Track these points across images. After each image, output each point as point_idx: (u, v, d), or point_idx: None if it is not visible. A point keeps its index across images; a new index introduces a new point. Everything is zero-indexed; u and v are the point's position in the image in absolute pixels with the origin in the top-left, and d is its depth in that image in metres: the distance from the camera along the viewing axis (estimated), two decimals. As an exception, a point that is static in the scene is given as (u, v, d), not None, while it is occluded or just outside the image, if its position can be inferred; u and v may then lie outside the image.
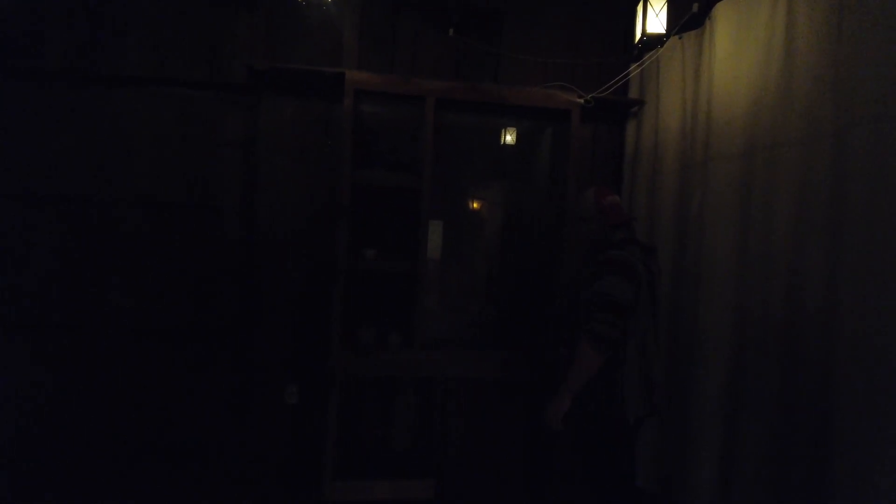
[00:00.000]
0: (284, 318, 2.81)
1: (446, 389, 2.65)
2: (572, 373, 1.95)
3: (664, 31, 2.50)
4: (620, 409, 1.95)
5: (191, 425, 2.87)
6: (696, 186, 2.48)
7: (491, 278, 3.06)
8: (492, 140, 3.16)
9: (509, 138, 3.17)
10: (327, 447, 2.51)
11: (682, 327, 2.51)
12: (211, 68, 2.86)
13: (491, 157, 3.18)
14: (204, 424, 2.88)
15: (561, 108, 2.56)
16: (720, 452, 2.24)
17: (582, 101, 2.59)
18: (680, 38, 2.67)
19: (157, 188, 2.89)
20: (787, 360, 1.96)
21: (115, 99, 2.86)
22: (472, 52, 2.89)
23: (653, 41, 2.49)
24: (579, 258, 2.55)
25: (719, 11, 2.36)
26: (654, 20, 2.51)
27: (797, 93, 1.97)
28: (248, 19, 2.86)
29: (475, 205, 3.25)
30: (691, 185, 2.52)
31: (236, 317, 2.90)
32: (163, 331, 2.87)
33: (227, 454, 2.86)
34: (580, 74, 2.95)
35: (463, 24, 2.87)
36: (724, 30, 2.33)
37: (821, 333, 1.82)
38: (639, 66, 2.89)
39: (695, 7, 2.50)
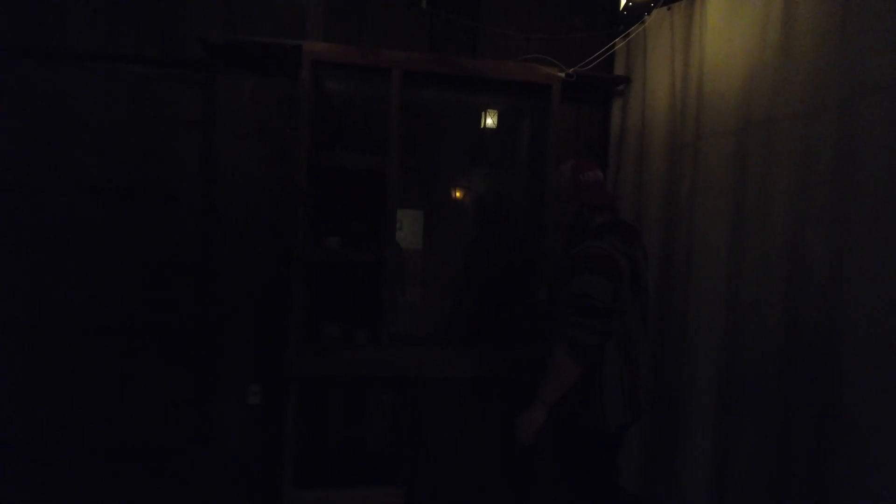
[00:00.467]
0: (247, 313, 2.61)
1: (419, 388, 2.46)
2: (546, 384, 1.74)
3: (651, -1, 2.31)
4: (599, 417, 1.75)
5: (146, 428, 2.66)
6: (686, 168, 2.30)
7: (470, 269, 2.86)
8: (469, 122, 2.95)
9: (490, 121, 2.97)
10: (285, 454, 2.31)
11: (670, 319, 2.33)
12: (164, 44, 2.63)
13: (469, 141, 2.97)
14: (160, 427, 2.67)
15: (540, 83, 2.35)
16: (713, 452, 2.07)
17: (563, 75, 2.39)
18: (668, 9, 2.48)
19: (108, 174, 2.65)
20: (786, 353, 1.78)
21: (60, 77, 2.62)
22: (447, 26, 2.67)
23: (639, 7, 2.29)
24: (562, 247, 2.38)
25: (711, -24, 2.17)
26: (641, -14, 2.32)
27: (798, 62, 1.79)
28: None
29: (455, 192, 3.05)
30: (681, 167, 2.34)
31: (196, 312, 2.68)
32: (116, 328, 2.64)
33: (185, 458, 2.66)
34: (563, 51, 2.74)
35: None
36: (716, -4, 2.15)
37: (824, 325, 1.64)
38: (624, 38, 2.69)
39: (684, -28, 2.31)
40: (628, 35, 2.69)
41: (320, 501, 2.32)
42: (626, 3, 2.32)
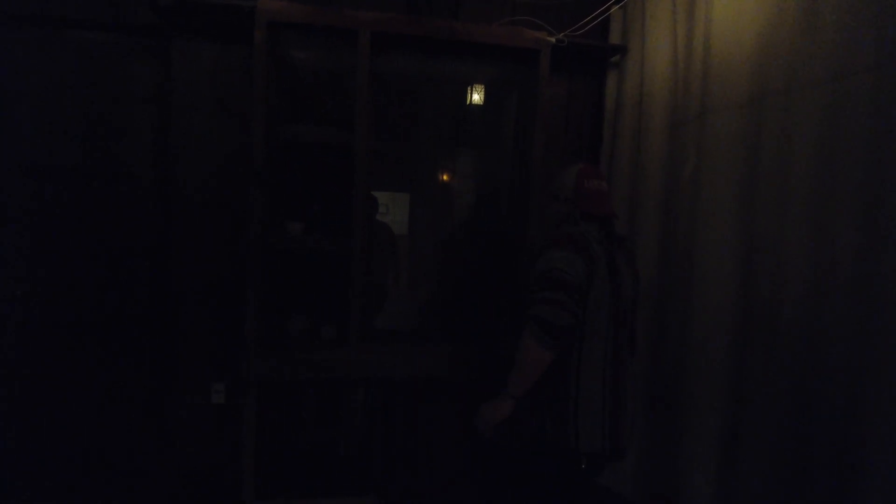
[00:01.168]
0: (209, 303, 2.37)
1: (394, 388, 2.24)
2: (513, 372, 1.56)
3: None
4: (571, 439, 1.55)
5: (97, 430, 2.43)
6: (689, 145, 2.06)
7: (452, 259, 2.63)
8: (452, 97, 2.70)
9: (475, 97, 2.72)
10: (245, 464, 2.08)
11: (670, 317, 2.11)
12: (114, 6, 2.35)
13: (450, 118, 2.73)
14: (113, 429, 2.44)
15: (528, 49, 2.09)
16: (720, 458, 1.86)
17: (553, 40, 2.13)
18: (670, -30, 2.22)
19: (51, 152, 2.39)
20: (807, 355, 1.56)
21: (-6, 43, 2.35)
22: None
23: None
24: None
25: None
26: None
27: (824, 20, 1.55)
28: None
29: (440, 175, 2.81)
30: (684, 145, 2.10)
31: (153, 304, 2.44)
32: (63, 320, 2.40)
33: (141, 464, 2.43)
34: (554, 17, 2.47)
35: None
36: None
37: (852, 324, 1.42)
38: (619, 3, 2.45)
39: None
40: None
41: (283, 515, 2.10)
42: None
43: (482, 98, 2.66)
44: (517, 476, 1.65)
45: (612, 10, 2.52)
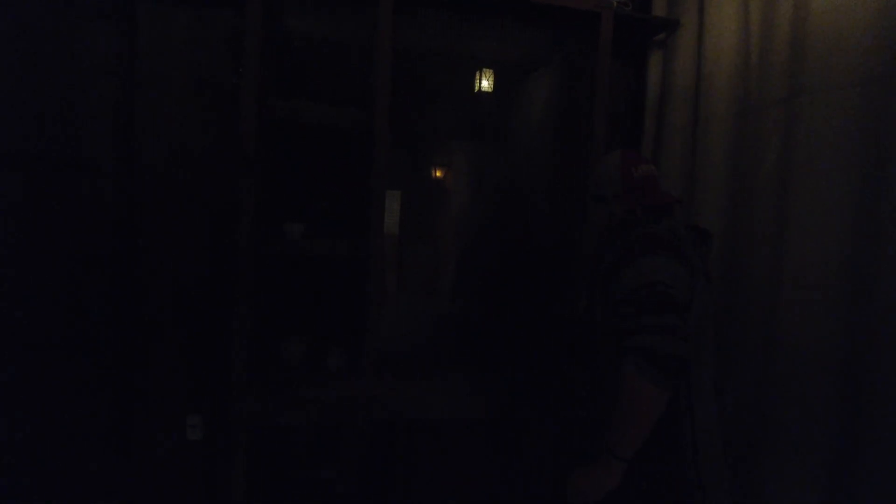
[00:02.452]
0: (184, 324, 1.94)
1: (412, 427, 1.84)
2: (618, 427, 1.17)
3: None
4: (691, 470, 1.22)
5: (54, 474, 1.97)
6: (772, 133, 1.73)
7: (471, 267, 2.24)
8: (473, 78, 2.33)
9: (489, 82, 2.35)
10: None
11: (744, 347, 1.76)
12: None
13: (471, 104, 2.36)
14: (71, 469, 1.99)
15: (585, 11, 1.72)
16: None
17: (615, 2, 1.77)
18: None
19: None
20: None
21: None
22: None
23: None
24: (596, 245, 1.80)
25: None
26: None
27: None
28: None
29: (438, 172, 2.43)
30: (762, 134, 1.76)
31: (118, 323, 1.99)
32: (10, 340, 1.93)
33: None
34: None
35: None
36: None
37: None
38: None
39: None
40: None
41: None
42: None
43: (510, 79, 2.29)
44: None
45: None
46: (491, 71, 2.38)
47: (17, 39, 1.95)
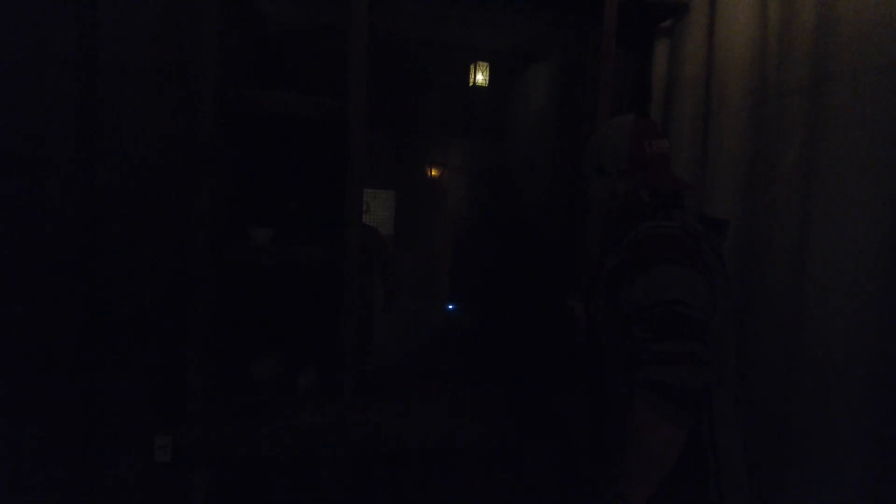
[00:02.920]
0: (152, 332, 1.75)
1: (395, 459, 1.65)
2: (632, 472, 0.98)
3: None
4: (714, 495, 1.04)
5: (9, 494, 1.78)
6: (792, 124, 1.55)
7: (467, 271, 2.06)
8: (467, 70, 2.17)
9: (484, 76, 2.18)
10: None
11: (765, 355, 1.59)
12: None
13: (466, 97, 2.20)
14: (31, 493, 1.80)
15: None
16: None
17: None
18: None
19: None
20: None
21: None
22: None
23: None
24: (596, 240, 1.61)
25: None
26: None
27: None
28: None
29: (444, 166, 2.27)
30: (783, 123, 1.59)
31: (82, 335, 1.80)
32: None
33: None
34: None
35: None
36: None
37: None
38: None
39: None
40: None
41: None
42: None
43: (505, 69, 2.12)
44: None
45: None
46: (486, 64, 2.23)
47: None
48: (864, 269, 1.34)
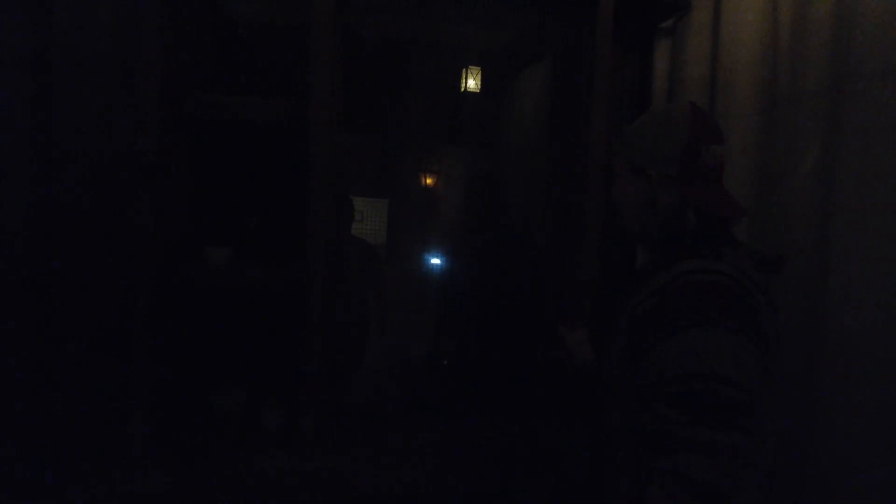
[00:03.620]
0: (102, 367, 1.58)
1: None
2: None
3: None
4: None
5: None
6: (810, 128, 1.41)
7: (452, 293, 1.91)
8: (455, 74, 2.04)
9: (476, 82, 2.06)
10: None
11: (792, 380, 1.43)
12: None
13: (457, 102, 2.07)
14: None
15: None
16: None
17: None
18: None
19: None
20: None
21: None
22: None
23: None
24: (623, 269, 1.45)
25: None
26: None
27: None
28: None
29: (429, 178, 2.14)
30: (796, 129, 1.45)
31: (30, 362, 1.63)
32: None
33: None
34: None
35: None
36: None
37: None
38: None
39: None
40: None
41: None
42: None
43: (497, 74, 1.99)
44: None
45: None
46: (478, 69, 2.10)
47: None
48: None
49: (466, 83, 2.15)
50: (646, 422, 0.81)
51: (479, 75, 2.16)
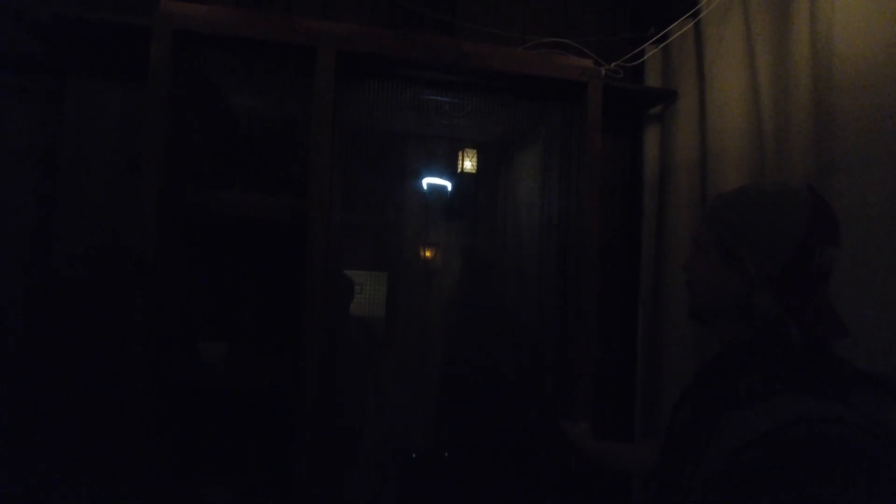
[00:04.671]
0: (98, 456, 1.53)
1: None
2: None
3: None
4: None
5: None
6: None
7: (452, 374, 1.88)
8: (449, 156, 2.10)
9: (469, 163, 2.12)
10: None
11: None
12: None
13: (454, 181, 2.13)
14: None
15: (569, 80, 1.46)
16: None
17: (604, 71, 1.51)
18: (735, -10, 1.69)
19: None
20: None
21: None
22: (409, 17, 1.81)
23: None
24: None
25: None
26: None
27: None
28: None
29: (426, 251, 2.15)
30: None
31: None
32: None
33: None
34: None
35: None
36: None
37: None
38: (658, 42, 1.91)
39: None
40: (667, 37, 1.89)
41: None
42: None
43: (491, 154, 2.05)
44: None
45: (648, 53, 1.97)
46: (474, 151, 2.17)
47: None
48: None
49: (463, 164, 2.21)
50: None
51: (475, 156, 2.21)
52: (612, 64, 1.59)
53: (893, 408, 0.65)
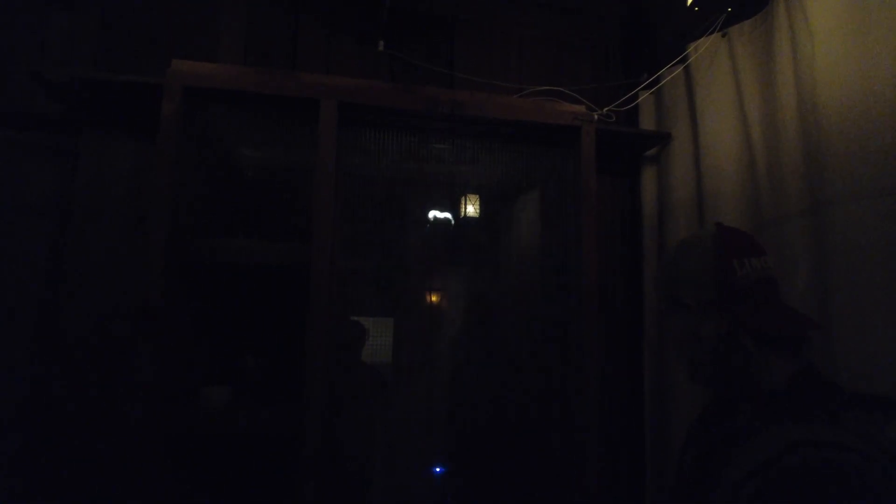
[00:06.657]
0: None
1: None
2: None
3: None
4: None
5: None
6: (797, 250, 1.44)
7: (459, 421, 1.86)
8: (448, 197, 2.14)
9: (472, 207, 2.16)
10: None
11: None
12: (9, 93, 1.78)
13: (457, 226, 2.16)
14: None
15: (563, 126, 1.51)
16: None
17: (596, 116, 1.57)
18: (724, 36, 1.76)
19: None
20: None
21: None
22: (409, 73, 1.90)
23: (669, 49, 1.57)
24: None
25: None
26: None
27: None
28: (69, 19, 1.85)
29: (432, 297, 2.16)
30: (784, 248, 1.48)
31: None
32: None
33: None
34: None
35: (398, 35, 1.90)
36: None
37: None
38: (651, 87, 1.98)
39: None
40: (658, 81, 1.96)
41: None
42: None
43: (490, 203, 2.09)
44: None
45: (641, 98, 2.03)
46: (476, 196, 2.22)
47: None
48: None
49: (466, 209, 2.24)
50: None
51: (478, 201, 2.25)
52: (605, 109, 1.65)
53: (889, 425, 0.69)
